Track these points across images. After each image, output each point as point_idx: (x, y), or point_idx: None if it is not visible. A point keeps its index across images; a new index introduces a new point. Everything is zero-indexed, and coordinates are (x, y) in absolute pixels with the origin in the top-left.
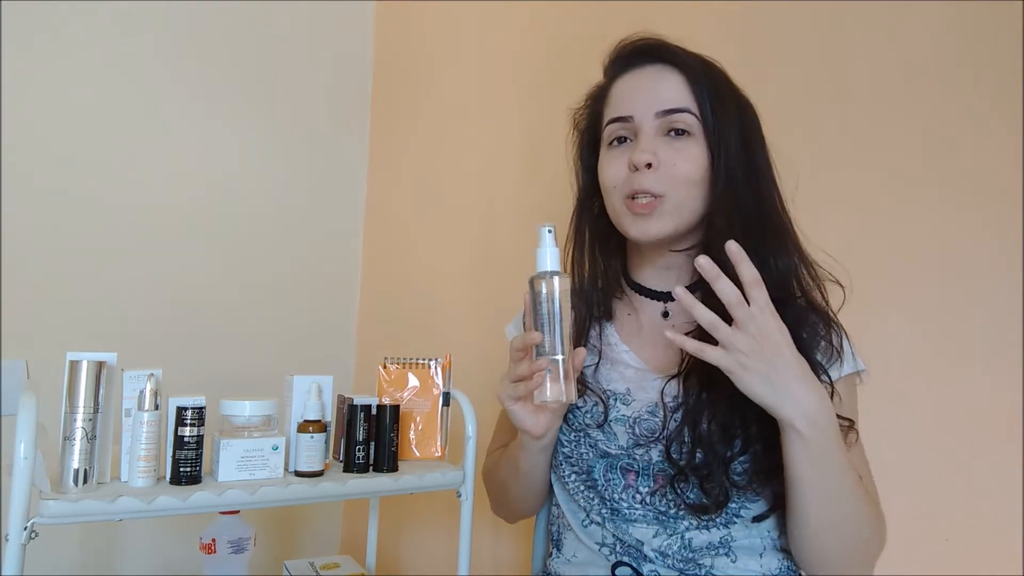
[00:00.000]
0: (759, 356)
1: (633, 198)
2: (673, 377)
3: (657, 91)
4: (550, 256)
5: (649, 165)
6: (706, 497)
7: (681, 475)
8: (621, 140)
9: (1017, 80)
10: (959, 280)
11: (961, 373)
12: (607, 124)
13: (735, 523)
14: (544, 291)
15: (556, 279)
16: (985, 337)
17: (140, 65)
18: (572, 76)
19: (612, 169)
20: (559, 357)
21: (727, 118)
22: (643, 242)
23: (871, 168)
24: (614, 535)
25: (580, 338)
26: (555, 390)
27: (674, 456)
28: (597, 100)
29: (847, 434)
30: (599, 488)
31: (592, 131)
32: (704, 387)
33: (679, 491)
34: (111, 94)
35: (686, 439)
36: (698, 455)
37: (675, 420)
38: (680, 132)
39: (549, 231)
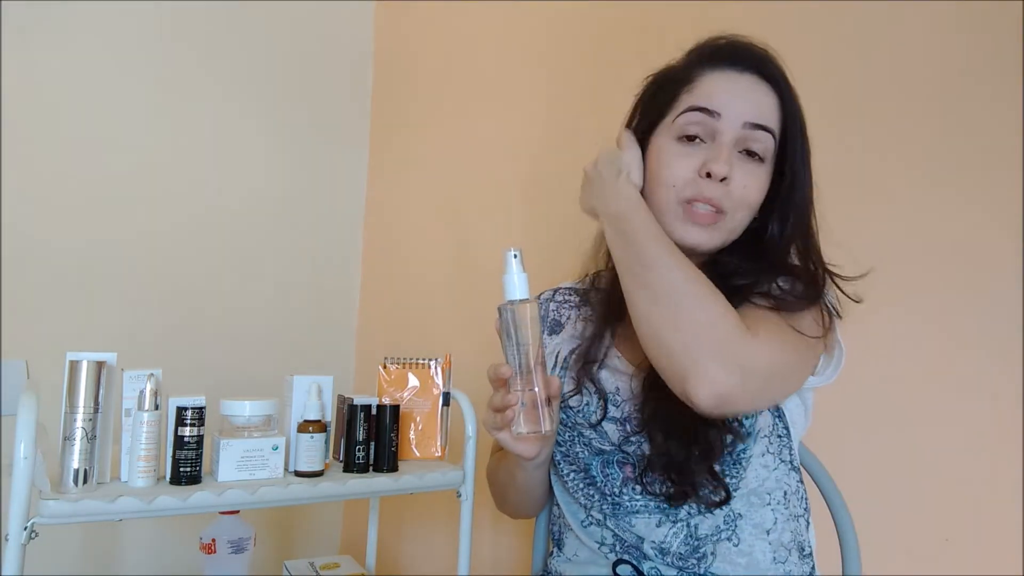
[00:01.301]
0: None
1: (690, 203)
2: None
3: (755, 102)
4: (518, 282)
5: (723, 179)
6: (672, 485)
7: (650, 467)
8: (693, 137)
9: (1018, 79)
10: (959, 279)
11: (961, 372)
12: (686, 111)
13: (733, 497)
14: (512, 320)
15: (525, 307)
16: (985, 337)
17: (140, 66)
18: (574, 75)
19: (679, 167)
20: (533, 388)
21: (800, 149)
22: (688, 249)
23: (871, 167)
24: (614, 534)
25: (597, 339)
26: (530, 422)
27: (657, 446)
28: (676, 81)
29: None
30: (599, 484)
31: (658, 111)
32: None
33: (645, 483)
34: (111, 96)
35: (656, 429)
36: (666, 444)
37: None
38: (753, 154)
39: (515, 256)
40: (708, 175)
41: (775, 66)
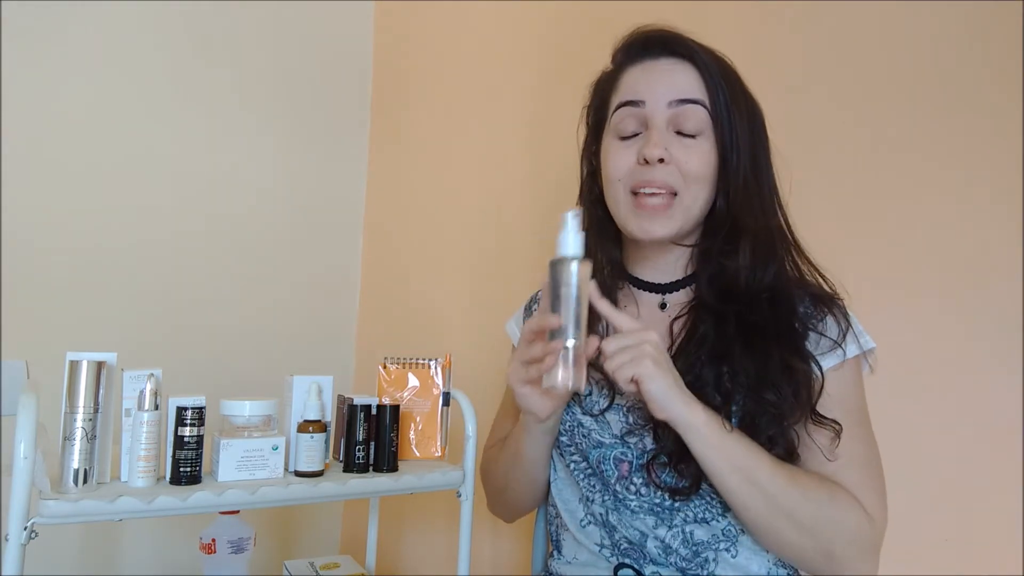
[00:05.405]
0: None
1: (636, 194)
2: None
3: (672, 81)
4: (572, 240)
5: (661, 160)
6: (681, 478)
7: (660, 456)
8: (630, 130)
9: (1018, 81)
10: (959, 279)
11: (961, 373)
12: (615, 109)
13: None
14: (563, 274)
15: (576, 263)
16: (985, 337)
17: (140, 65)
18: (575, 73)
19: (618, 160)
20: (572, 342)
21: (739, 116)
22: (645, 242)
23: (872, 167)
24: (612, 535)
25: (596, 325)
26: (564, 375)
27: (661, 439)
28: (607, 85)
29: (835, 436)
30: (598, 475)
31: (597, 117)
32: (688, 368)
33: (653, 473)
34: (111, 94)
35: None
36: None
37: None
38: (689, 134)
39: (575, 216)
40: (646, 161)
41: (687, 43)
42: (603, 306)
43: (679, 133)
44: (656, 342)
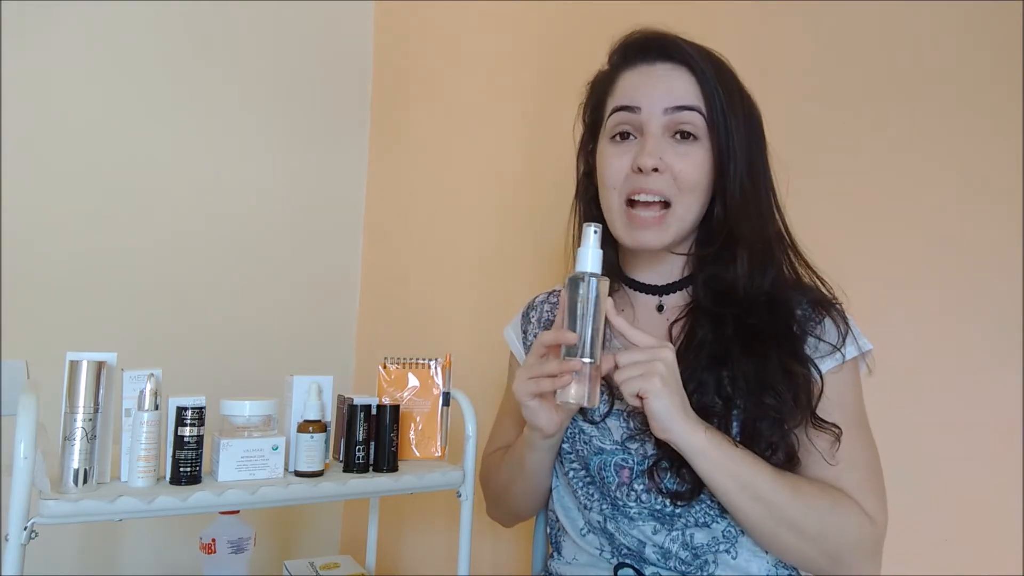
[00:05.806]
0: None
1: (632, 205)
2: None
3: (668, 87)
4: (592, 257)
5: (656, 169)
6: (682, 483)
7: (662, 461)
8: (624, 135)
9: (1018, 81)
10: (959, 279)
11: (961, 373)
12: (611, 113)
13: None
14: (582, 291)
15: (595, 281)
16: (985, 338)
17: (139, 65)
18: (574, 74)
19: (613, 167)
20: (588, 360)
21: (736, 121)
22: (638, 250)
23: (872, 167)
24: (612, 542)
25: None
26: (579, 391)
27: (663, 443)
28: (603, 86)
29: (835, 440)
30: (597, 484)
31: (593, 117)
32: (690, 373)
33: (656, 477)
34: (111, 94)
35: None
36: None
37: None
38: (686, 135)
39: (595, 231)
40: (640, 170)
41: (684, 48)
42: (620, 323)
43: (675, 140)
44: (670, 361)
